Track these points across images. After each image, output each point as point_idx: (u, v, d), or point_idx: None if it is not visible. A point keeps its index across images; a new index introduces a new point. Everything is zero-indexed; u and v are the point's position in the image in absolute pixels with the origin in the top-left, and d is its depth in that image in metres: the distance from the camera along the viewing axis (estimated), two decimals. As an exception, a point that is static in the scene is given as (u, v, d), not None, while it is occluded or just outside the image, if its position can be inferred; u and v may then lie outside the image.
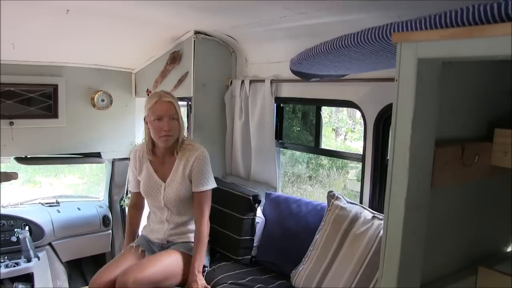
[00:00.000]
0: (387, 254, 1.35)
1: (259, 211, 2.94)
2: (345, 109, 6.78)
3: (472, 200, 1.66)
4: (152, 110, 2.60)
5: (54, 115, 3.65)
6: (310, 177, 5.76)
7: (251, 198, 2.86)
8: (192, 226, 2.77)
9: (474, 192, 1.65)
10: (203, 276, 2.63)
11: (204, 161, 2.68)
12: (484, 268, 1.65)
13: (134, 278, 2.40)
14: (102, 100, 3.83)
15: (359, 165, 2.71)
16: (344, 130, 6.61)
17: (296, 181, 5.57)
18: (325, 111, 6.40)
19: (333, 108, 6.59)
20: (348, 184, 5.43)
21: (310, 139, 4.96)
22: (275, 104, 3.10)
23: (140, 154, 2.80)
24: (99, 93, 3.80)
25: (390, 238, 1.34)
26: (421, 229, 1.37)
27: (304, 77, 2.44)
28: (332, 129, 6.58)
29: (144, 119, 2.69)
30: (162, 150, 2.72)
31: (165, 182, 2.70)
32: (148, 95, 3.75)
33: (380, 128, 2.48)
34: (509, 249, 1.89)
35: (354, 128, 6.48)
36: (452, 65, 1.38)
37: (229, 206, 2.94)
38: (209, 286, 2.57)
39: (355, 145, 5.99)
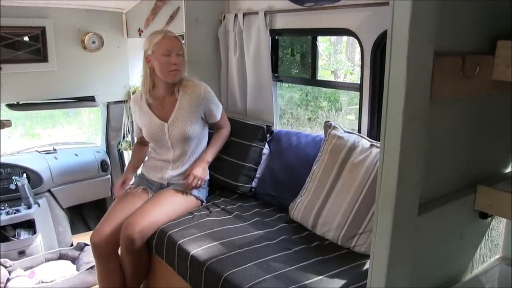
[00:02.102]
0: (385, 169, 1.31)
1: (266, 145, 2.93)
2: (343, 51, 6.65)
3: (472, 117, 1.61)
4: (159, 45, 2.57)
5: (44, 58, 3.54)
6: (309, 119, 5.71)
7: (264, 127, 2.90)
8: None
9: (474, 109, 1.60)
10: (199, 209, 2.68)
11: (211, 92, 2.77)
12: (482, 186, 1.62)
13: (139, 228, 2.43)
14: (93, 42, 3.72)
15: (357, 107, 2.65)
16: (342, 72, 6.48)
17: (295, 123, 5.51)
18: (324, 53, 6.27)
19: (332, 50, 6.46)
20: (347, 124, 5.38)
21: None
22: (270, 37, 2.99)
23: (138, 101, 2.77)
24: (89, 34, 3.68)
25: (388, 153, 1.29)
26: (420, 143, 1.32)
27: (298, 1, 2.33)
28: (331, 71, 6.46)
29: (146, 58, 2.63)
30: (162, 91, 2.70)
31: (167, 122, 2.68)
32: (140, 34, 3.65)
33: (378, 55, 2.39)
34: (507, 170, 1.85)
35: (353, 70, 6.35)
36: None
37: (238, 135, 2.96)
38: (204, 180, 2.74)
39: (354, 87, 5.89)
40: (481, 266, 1.85)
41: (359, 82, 2.55)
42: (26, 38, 3.45)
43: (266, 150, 2.91)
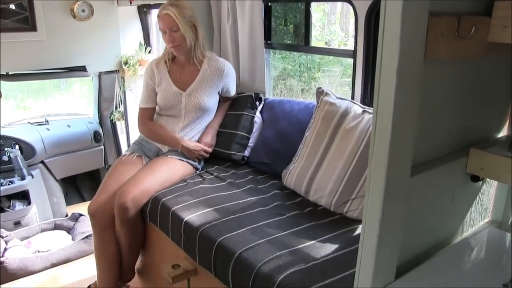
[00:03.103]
0: (378, 130, 1.30)
1: (258, 113, 2.94)
2: (337, 21, 6.58)
3: (467, 81, 1.60)
4: (158, 24, 2.65)
5: (33, 27, 3.48)
6: (302, 90, 5.67)
7: (252, 94, 2.92)
8: (197, 138, 2.83)
9: (469, 72, 1.59)
10: (193, 176, 2.68)
11: (234, 72, 2.90)
12: (475, 149, 1.63)
13: (132, 196, 2.43)
14: (83, 11, 3.66)
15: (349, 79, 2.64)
16: (336, 43, 6.42)
17: (288, 94, 5.49)
18: (317, 23, 6.19)
19: (325, 21, 6.39)
20: (341, 95, 5.37)
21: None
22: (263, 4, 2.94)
23: (158, 66, 2.78)
24: (78, 3, 3.62)
25: (382, 114, 1.28)
26: (413, 105, 1.31)
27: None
28: (325, 42, 6.40)
29: None
30: (183, 59, 2.74)
31: (184, 91, 2.71)
32: (130, 3, 3.59)
33: (372, 21, 2.37)
34: (501, 134, 1.86)
35: (346, 41, 6.29)
36: None
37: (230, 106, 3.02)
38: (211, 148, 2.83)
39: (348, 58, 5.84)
40: (470, 229, 1.88)
41: (353, 49, 2.53)
42: (12, 6, 3.37)
43: (258, 119, 2.91)
